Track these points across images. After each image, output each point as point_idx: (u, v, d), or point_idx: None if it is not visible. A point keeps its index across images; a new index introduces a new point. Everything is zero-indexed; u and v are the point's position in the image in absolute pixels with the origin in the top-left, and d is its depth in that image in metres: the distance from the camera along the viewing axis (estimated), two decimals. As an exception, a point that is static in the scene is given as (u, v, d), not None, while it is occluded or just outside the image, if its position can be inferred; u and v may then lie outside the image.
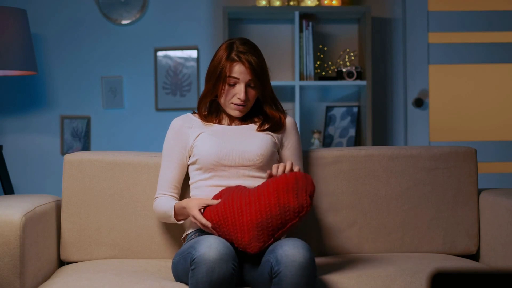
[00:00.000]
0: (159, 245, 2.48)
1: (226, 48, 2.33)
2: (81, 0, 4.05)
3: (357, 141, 4.01)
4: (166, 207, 2.32)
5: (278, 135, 2.40)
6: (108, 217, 2.48)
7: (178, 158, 2.38)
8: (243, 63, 2.30)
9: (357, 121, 4.01)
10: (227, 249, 2.01)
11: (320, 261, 2.38)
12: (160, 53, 4.04)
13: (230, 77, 2.31)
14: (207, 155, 2.31)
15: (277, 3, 3.95)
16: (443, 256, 2.50)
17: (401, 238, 2.54)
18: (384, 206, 2.54)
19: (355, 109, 4.02)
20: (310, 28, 3.91)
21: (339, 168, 2.55)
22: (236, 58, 2.30)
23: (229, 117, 2.41)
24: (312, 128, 4.06)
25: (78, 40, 4.04)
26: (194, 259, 1.99)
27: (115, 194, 2.49)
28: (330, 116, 4.05)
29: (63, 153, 4.03)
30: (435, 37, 4.07)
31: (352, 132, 4.00)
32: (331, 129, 4.04)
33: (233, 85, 2.32)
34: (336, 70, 3.94)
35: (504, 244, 2.37)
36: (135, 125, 4.05)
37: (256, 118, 2.41)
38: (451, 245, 2.55)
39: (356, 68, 3.90)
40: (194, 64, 4.04)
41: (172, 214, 2.29)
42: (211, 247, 1.98)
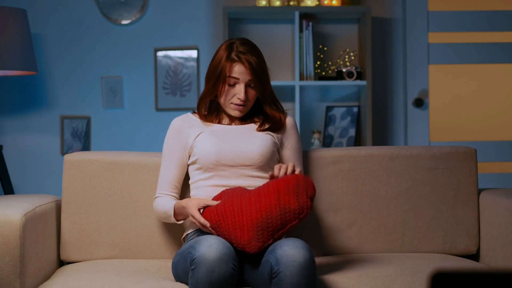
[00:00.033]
0: (159, 245, 2.48)
1: (226, 48, 2.33)
2: (81, 0, 4.05)
3: (357, 141, 4.01)
4: (166, 207, 2.32)
5: (278, 135, 2.40)
6: (108, 217, 2.48)
7: (178, 158, 2.38)
8: (243, 63, 2.29)
9: (357, 121, 4.01)
10: (227, 249, 2.01)
11: (320, 261, 2.38)
12: (160, 53, 4.04)
13: (230, 77, 2.31)
14: (207, 154, 2.30)
15: (277, 3, 3.95)
16: (443, 256, 2.50)
17: (401, 238, 2.54)
18: (384, 206, 2.54)
19: (355, 109, 4.01)
20: (310, 28, 3.91)
21: (339, 168, 2.55)
22: (236, 58, 2.30)
23: (229, 117, 2.40)
24: (312, 128, 4.06)
25: (78, 40, 4.04)
26: (194, 259, 1.99)
27: (115, 194, 2.49)
28: (330, 116, 4.05)
29: (63, 153, 4.02)
30: (435, 37, 4.07)
31: (352, 132, 4.00)
32: (331, 129, 4.04)
33: (233, 85, 2.32)
34: (336, 70, 3.94)
35: (504, 244, 2.37)
36: (135, 125, 4.05)
37: (256, 118, 2.41)
38: (451, 245, 2.55)
39: (356, 68, 3.90)
40: (194, 64, 4.04)
41: (172, 214, 2.29)
42: (211, 247, 1.98)
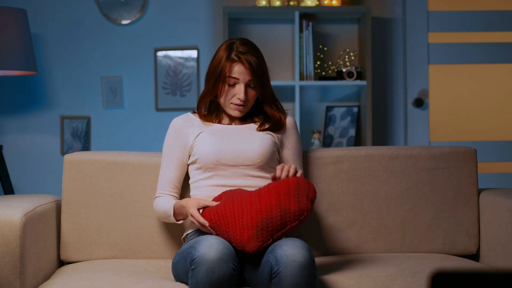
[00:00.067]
0: (159, 245, 2.48)
1: (226, 48, 2.33)
2: (81, 0, 4.05)
3: (357, 141, 4.01)
4: (166, 206, 2.32)
5: (278, 135, 2.40)
6: (108, 217, 2.48)
7: (178, 158, 2.38)
8: (243, 63, 2.29)
9: (357, 121, 4.01)
10: (227, 249, 2.01)
11: (320, 261, 2.38)
12: (160, 53, 4.04)
13: (230, 77, 2.30)
14: (207, 154, 2.30)
15: (277, 3, 3.95)
16: (443, 256, 2.50)
17: (401, 238, 2.54)
18: (384, 206, 2.54)
19: (355, 109, 4.01)
20: (310, 28, 3.91)
21: (339, 168, 2.55)
22: (236, 58, 2.30)
23: (229, 117, 2.40)
24: (312, 128, 4.06)
25: (78, 40, 4.04)
26: (194, 259, 1.99)
27: (115, 194, 2.49)
28: (330, 116, 4.05)
29: (63, 153, 4.03)
30: (435, 37, 4.07)
31: (352, 132, 4.00)
32: (331, 129, 4.04)
33: (233, 85, 2.32)
34: (336, 70, 3.94)
35: (504, 244, 2.37)
36: (135, 125, 4.05)
37: (256, 118, 2.41)
38: (451, 245, 2.55)
39: (356, 68, 3.90)
40: (194, 64, 4.04)
41: (172, 213, 2.29)
42: (211, 247, 1.98)
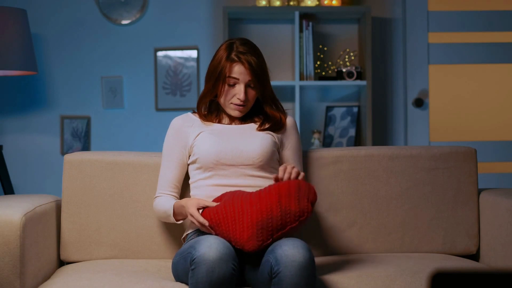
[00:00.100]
0: (159, 245, 2.48)
1: (226, 48, 2.33)
2: (81, 0, 4.05)
3: (357, 141, 4.01)
4: (166, 206, 2.32)
5: (278, 135, 2.40)
6: (108, 217, 2.48)
7: (178, 158, 2.38)
8: (242, 63, 2.29)
9: (357, 121, 4.01)
10: (227, 249, 2.01)
11: (320, 261, 2.38)
12: (160, 53, 4.04)
13: (229, 77, 2.30)
14: (207, 154, 2.30)
15: (277, 3, 3.95)
16: (443, 256, 2.50)
17: (401, 238, 2.54)
18: (384, 206, 2.54)
19: (355, 109, 4.01)
20: (310, 28, 3.91)
21: (339, 168, 2.55)
22: (236, 58, 2.30)
23: (229, 117, 2.40)
24: (312, 128, 4.06)
25: (78, 40, 4.04)
26: (194, 259, 1.99)
27: (115, 194, 2.49)
28: (330, 116, 4.05)
29: (63, 153, 4.03)
30: (435, 37, 4.07)
31: (352, 132, 4.00)
32: (331, 129, 4.04)
33: (233, 85, 2.32)
34: (336, 70, 3.94)
35: (504, 244, 2.37)
36: (135, 125, 4.05)
37: (256, 118, 2.41)
38: (451, 245, 2.55)
39: (356, 68, 3.90)
40: (194, 64, 4.04)
41: (171, 213, 2.29)
42: (211, 247, 1.98)
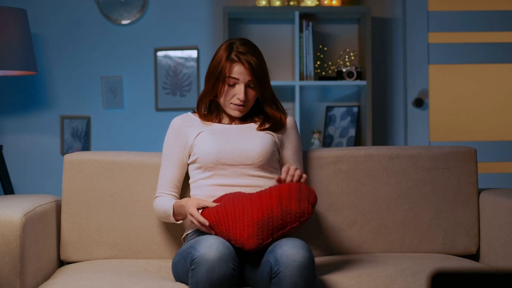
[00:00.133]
0: (159, 245, 2.48)
1: (226, 48, 2.33)
2: (81, 0, 4.05)
3: (357, 141, 4.01)
4: (166, 206, 2.32)
5: (279, 135, 2.40)
6: (108, 217, 2.48)
7: (178, 157, 2.38)
8: (242, 63, 2.29)
9: (357, 121, 4.01)
10: (227, 249, 2.01)
11: (320, 261, 2.38)
12: (160, 53, 4.04)
13: (229, 77, 2.30)
14: (207, 153, 2.30)
15: (277, 3, 3.95)
16: (443, 256, 2.50)
17: (401, 238, 2.54)
18: (384, 206, 2.54)
19: (355, 109, 4.01)
20: (310, 28, 3.91)
21: (339, 168, 2.55)
22: (236, 58, 2.30)
23: (229, 117, 2.40)
24: (312, 128, 4.06)
25: (78, 40, 4.04)
26: (194, 259, 1.99)
27: (115, 194, 2.49)
28: (330, 116, 4.05)
29: (63, 153, 4.03)
30: (435, 37, 4.07)
31: (352, 132, 4.00)
32: (331, 129, 4.04)
33: (233, 86, 2.32)
34: (336, 70, 3.94)
35: (504, 244, 2.37)
36: (135, 125, 4.05)
37: (256, 118, 2.41)
38: (451, 245, 2.55)
39: (356, 68, 3.90)
40: (194, 64, 4.04)
41: (171, 213, 2.29)
42: (211, 247, 1.98)
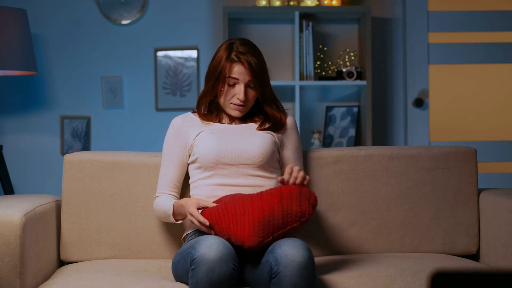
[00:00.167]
0: (159, 245, 2.48)
1: (226, 48, 2.33)
2: (81, 0, 4.05)
3: (357, 141, 4.01)
4: (166, 206, 2.32)
5: (279, 135, 2.40)
6: (108, 217, 2.48)
7: (178, 157, 2.38)
8: (242, 63, 2.29)
9: (357, 121, 4.01)
10: (227, 249, 2.01)
11: (320, 261, 2.38)
12: (160, 53, 4.04)
13: (229, 77, 2.30)
14: (207, 153, 2.30)
15: (277, 3, 3.95)
16: (443, 256, 2.50)
17: (401, 238, 2.54)
18: (384, 206, 2.54)
19: (355, 109, 4.01)
20: (310, 28, 3.91)
21: (339, 168, 2.55)
22: (235, 58, 2.30)
23: (229, 116, 2.40)
24: (312, 128, 4.06)
25: (78, 40, 4.04)
26: (194, 259, 1.99)
27: (115, 194, 2.49)
28: (330, 116, 4.05)
29: (63, 153, 4.02)
30: (435, 37, 4.07)
31: (352, 132, 4.00)
32: (331, 129, 4.04)
33: (233, 86, 2.32)
34: (336, 70, 3.94)
35: (504, 244, 2.37)
36: (135, 125, 4.05)
37: (256, 118, 2.41)
38: (451, 245, 2.55)
39: (356, 68, 3.90)
40: (194, 64, 4.04)
41: (171, 213, 2.29)
42: (211, 247, 1.98)
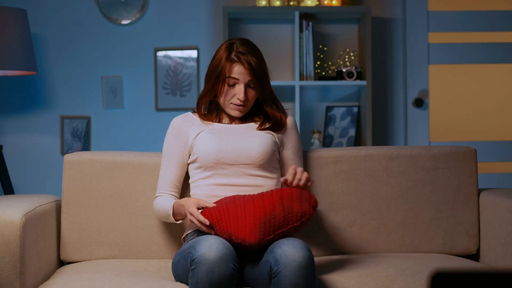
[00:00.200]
0: (159, 245, 2.48)
1: (226, 48, 2.33)
2: (81, 0, 4.05)
3: (357, 141, 4.01)
4: (166, 206, 2.32)
5: (279, 135, 2.40)
6: (108, 217, 2.48)
7: (178, 157, 2.38)
8: (242, 63, 2.29)
9: (357, 121, 4.01)
10: (227, 249, 2.01)
11: (320, 261, 2.38)
12: (160, 53, 4.04)
13: (229, 77, 2.30)
14: (207, 153, 2.30)
15: (277, 3, 3.95)
16: (443, 256, 2.50)
17: (401, 238, 2.54)
18: (384, 206, 2.54)
19: (355, 109, 4.01)
20: (310, 28, 3.91)
21: (339, 168, 2.55)
22: (235, 58, 2.30)
23: (229, 116, 2.40)
24: (312, 128, 4.06)
25: (78, 40, 4.04)
26: (194, 259, 1.99)
27: (115, 194, 2.49)
28: (330, 116, 4.05)
29: (63, 153, 4.02)
30: (435, 37, 4.07)
31: (352, 132, 4.00)
32: (331, 129, 4.04)
33: (233, 86, 2.32)
34: (336, 70, 3.94)
35: (504, 244, 2.37)
36: (135, 125, 4.05)
37: (256, 118, 2.41)
38: (451, 245, 2.55)
39: (356, 68, 3.90)
40: (194, 64, 4.04)
41: (171, 213, 2.29)
42: (211, 247, 1.98)
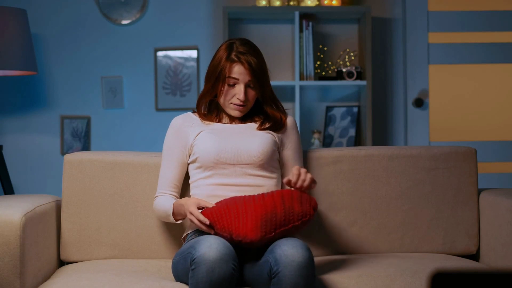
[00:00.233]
0: (159, 245, 2.48)
1: (226, 48, 2.33)
2: (81, 0, 4.05)
3: (357, 141, 4.01)
4: (166, 206, 2.32)
5: (279, 135, 2.40)
6: (108, 217, 2.48)
7: (178, 157, 2.38)
8: (242, 64, 2.29)
9: (357, 121, 4.01)
10: (227, 249, 2.01)
11: (320, 261, 2.38)
12: (160, 53, 4.04)
13: (229, 77, 2.30)
14: (207, 153, 2.30)
15: (277, 3, 3.95)
16: (443, 256, 2.50)
17: (401, 238, 2.54)
18: (384, 206, 2.54)
19: (355, 109, 4.01)
20: (310, 28, 3.91)
21: (339, 168, 2.55)
22: (235, 58, 2.30)
23: (229, 116, 2.40)
24: (312, 128, 4.06)
25: (78, 40, 4.04)
26: (194, 259, 1.99)
27: (115, 194, 2.49)
28: (330, 116, 4.05)
29: (63, 153, 4.03)
30: (435, 37, 4.07)
31: (352, 132, 4.00)
32: (331, 129, 4.04)
33: (233, 86, 2.32)
34: (336, 70, 3.94)
35: (504, 244, 2.37)
36: (135, 125, 4.05)
37: (256, 117, 2.41)
38: (451, 245, 2.55)
39: (356, 68, 3.90)
40: (194, 64, 4.04)
41: (171, 213, 2.29)
42: (211, 247, 1.98)
